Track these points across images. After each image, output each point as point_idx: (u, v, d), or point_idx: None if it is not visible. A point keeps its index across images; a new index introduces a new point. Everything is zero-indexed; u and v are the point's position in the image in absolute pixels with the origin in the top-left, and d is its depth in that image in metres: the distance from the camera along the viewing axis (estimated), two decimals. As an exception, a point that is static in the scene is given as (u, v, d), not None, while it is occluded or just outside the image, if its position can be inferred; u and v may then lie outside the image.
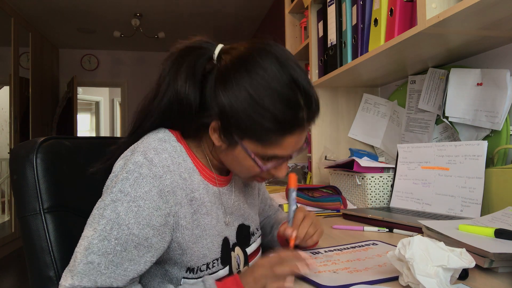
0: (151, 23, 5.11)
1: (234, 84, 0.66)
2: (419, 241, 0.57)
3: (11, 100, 4.30)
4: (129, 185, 0.64)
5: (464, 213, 1.03)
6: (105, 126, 8.20)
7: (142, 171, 0.65)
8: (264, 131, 0.66)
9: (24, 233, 0.75)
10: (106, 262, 0.61)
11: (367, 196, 1.32)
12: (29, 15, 4.70)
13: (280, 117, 0.65)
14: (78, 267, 0.60)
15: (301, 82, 0.67)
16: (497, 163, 1.08)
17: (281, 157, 0.71)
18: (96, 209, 0.65)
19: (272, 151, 0.69)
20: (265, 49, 0.69)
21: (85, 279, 0.60)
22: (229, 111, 0.66)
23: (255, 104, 0.65)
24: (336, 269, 0.70)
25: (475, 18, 0.87)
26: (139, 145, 0.70)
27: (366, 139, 1.77)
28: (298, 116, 0.67)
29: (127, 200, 0.63)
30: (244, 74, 0.66)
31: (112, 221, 0.62)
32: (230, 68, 0.68)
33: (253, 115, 0.65)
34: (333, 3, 1.53)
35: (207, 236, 0.74)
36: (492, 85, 1.10)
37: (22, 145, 0.80)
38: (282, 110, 0.65)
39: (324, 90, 1.80)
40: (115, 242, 0.62)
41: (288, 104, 0.66)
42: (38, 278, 0.73)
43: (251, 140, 0.68)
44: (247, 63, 0.67)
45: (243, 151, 0.70)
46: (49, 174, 0.77)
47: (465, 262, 0.55)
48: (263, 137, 0.67)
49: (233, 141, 0.70)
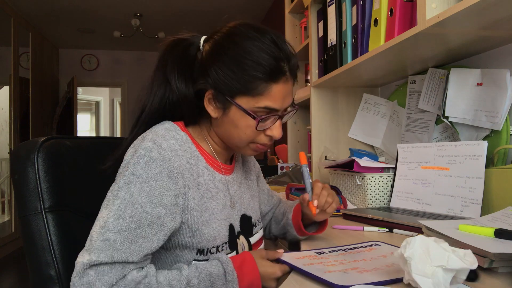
0: (151, 23, 5.11)
1: (222, 52, 0.76)
2: (421, 240, 0.57)
3: (11, 100, 4.30)
4: (140, 168, 0.69)
5: (464, 213, 1.03)
6: (105, 126, 8.19)
7: (152, 154, 0.71)
8: (252, 80, 0.74)
9: (25, 233, 0.75)
10: (122, 239, 0.65)
11: (367, 196, 1.32)
12: (29, 15, 4.70)
13: (265, 64, 0.74)
14: (95, 244, 0.64)
15: (280, 42, 0.77)
16: (497, 163, 1.08)
17: (272, 109, 0.77)
18: (110, 192, 0.70)
19: (263, 102, 0.75)
20: (246, 22, 0.79)
21: (102, 255, 0.64)
22: (220, 74, 0.75)
23: (242, 60, 0.74)
24: (346, 269, 0.69)
25: (475, 18, 0.88)
26: (147, 134, 0.75)
27: (366, 139, 1.77)
28: (280, 65, 0.75)
29: (139, 182, 0.69)
30: (229, 41, 0.76)
31: (126, 200, 0.67)
32: (217, 42, 0.78)
33: (241, 69, 0.74)
34: (333, 3, 1.53)
35: (215, 220, 0.78)
36: (492, 85, 1.10)
37: (23, 145, 0.80)
38: (265, 58, 0.74)
39: (324, 90, 1.80)
40: (130, 220, 0.66)
41: (270, 54, 0.74)
42: (39, 278, 0.73)
43: (242, 96, 0.75)
44: (231, 33, 0.78)
45: (237, 110, 0.76)
46: (50, 173, 0.77)
47: (466, 263, 0.54)
48: (252, 88, 0.74)
49: (227, 103, 0.76)
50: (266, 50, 0.74)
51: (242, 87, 0.75)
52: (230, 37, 0.77)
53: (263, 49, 0.74)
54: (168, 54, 0.81)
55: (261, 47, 0.74)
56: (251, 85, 0.74)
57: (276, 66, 0.75)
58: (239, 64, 0.74)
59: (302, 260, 0.75)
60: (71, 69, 6.22)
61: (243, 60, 0.74)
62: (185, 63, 0.81)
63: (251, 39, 0.75)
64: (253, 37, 0.75)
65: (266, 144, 0.82)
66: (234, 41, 0.76)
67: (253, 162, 1.04)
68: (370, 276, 0.65)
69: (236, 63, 0.74)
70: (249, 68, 0.74)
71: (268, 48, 0.75)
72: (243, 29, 0.77)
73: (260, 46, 0.74)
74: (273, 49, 0.75)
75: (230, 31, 0.78)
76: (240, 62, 0.74)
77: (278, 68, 0.75)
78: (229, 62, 0.75)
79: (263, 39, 0.75)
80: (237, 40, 0.76)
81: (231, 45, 0.76)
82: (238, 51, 0.74)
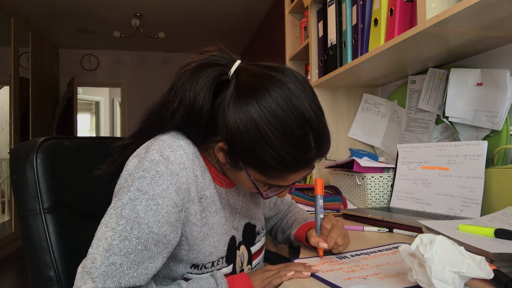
0: (151, 23, 5.11)
1: (243, 108, 0.64)
2: (441, 241, 0.54)
3: (11, 100, 4.29)
4: (146, 184, 0.64)
5: (464, 213, 1.03)
6: (105, 126, 8.20)
7: (159, 168, 0.65)
8: (268, 167, 0.66)
9: (24, 233, 0.75)
10: (128, 262, 0.61)
11: (367, 196, 1.32)
12: (29, 15, 4.70)
13: (287, 159, 0.64)
14: (100, 269, 0.59)
15: (314, 122, 0.65)
16: (497, 163, 1.08)
17: (283, 187, 0.73)
18: (112, 208, 0.64)
19: (275, 182, 0.70)
20: (280, 80, 0.65)
21: (108, 281, 0.59)
22: (236, 136, 0.65)
23: (261, 139, 0.63)
24: (366, 275, 0.66)
25: (475, 18, 0.87)
26: (153, 143, 0.70)
27: (366, 139, 1.77)
28: (307, 156, 0.66)
29: (145, 199, 0.63)
30: (253, 101, 0.64)
31: (132, 220, 0.62)
32: (242, 90, 0.66)
33: (258, 149, 0.64)
34: (333, 3, 1.53)
35: (214, 235, 0.75)
36: (492, 85, 1.10)
37: (22, 145, 0.80)
38: (290, 152, 0.63)
39: (324, 90, 1.80)
40: (136, 241, 0.61)
41: (296, 146, 0.64)
42: (38, 278, 0.73)
43: (254, 170, 0.68)
44: (261, 91, 0.64)
45: (246, 175, 0.70)
46: (49, 174, 0.77)
47: (484, 273, 0.52)
48: (267, 172, 0.67)
49: (237, 165, 0.70)
50: (293, 138, 0.63)
51: (255, 165, 0.67)
52: (258, 100, 0.63)
53: (290, 137, 0.63)
54: (199, 75, 0.68)
55: (288, 134, 0.63)
56: (266, 170, 0.67)
57: (300, 159, 0.65)
58: (260, 146, 0.63)
59: (323, 266, 0.73)
60: (71, 69, 6.22)
61: (265, 144, 0.63)
62: (212, 87, 0.68)
63: (281, 117, 0.62)
64: (284, 114, 0.63)
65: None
66: (262, 110, 0.63)
67: None
68: (391, 283, 0.62)
69: (257, 142, 0.63)
70: (269, 157, 0.64)
71: (296, 135, 0.63)
72: (275, 94, 0.63)
73: (287, 132, 0.63)
74: (302, 135, 0.64)
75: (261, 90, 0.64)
76: (261, 144, 0.63)
77: (302, 160, 0.66)
78: (249, 136, 0.64)
79: (292, 116, 0.63)
80: (265, 111, 0.63)
81: (256, 116, 0.63)
82: (262, 131, 0.63)
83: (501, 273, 0.57)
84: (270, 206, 1.04)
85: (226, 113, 0.66)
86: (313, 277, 0.69)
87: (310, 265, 0.72)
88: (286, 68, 0.69)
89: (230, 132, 0.65)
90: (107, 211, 0.65)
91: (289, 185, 0.73)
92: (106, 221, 0.63)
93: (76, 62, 6.37)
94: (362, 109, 1.79)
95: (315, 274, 0.69)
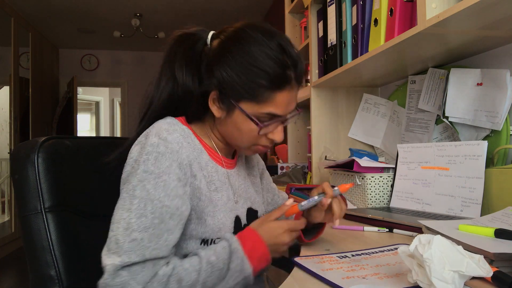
0: (151, 23, 5.11)
1: (228, 55, 0.75)
2: (439, 241, 0.54)
3: (11, 100, 4.29)
4: (151, 164, 0.70)
5: (464, 213, 1.03)
6: (105, 126, 8.19)
7: (159, 149, 0.72)
8: (257, 87, 0.74)
9: (25, 232, 0.75)
10: (148, 236, 0.66)
11: (367, 196, 1.32)
12: (29, 15, 4.70)
13: (271, 72, 0.74)
14: (124, 246, 0.65)
15: (287, 47, 0.77)
16: (497, 163, 1.08)
17: (275, 116, 0.78)
18: (124, 192, 0.70)
19: (267, 108, 0.76)
20: (253, 24, 0.79)
21: (133, 255, 0.65)
22: (226, 77, 0.75)
23: (248, 65, 0.74)
24: (365, 275, 0.66)
25: (475, 18, 0.88)
26: (150, 130, 0.76)
27: (366, 139, 1.77)
28: (286, 73, 0.76)
29: (153, 178, 0.69)
30: (236, 44, 0.76)
31: (144, 198, 0.68)
32: (224, 43, 0.78)
33: (246, 75, 0.74)
34: (333, 3, 1.53)
35: (220, 212, 0.79)
36: (492, 85, 1.10)
37: (23, 145, 0.80)
38: (272, 67, 0.74)
39: (324, 90, 1.80)
40: (152, 216, 0.68)
41: (276, 62, 0.74)
42: (38, 277, 0.73)
43: (246, 101, 0.76)
44: (238, 35, 0.77)
45: (240, 114, 0.77)
46: (50, 173, 0.77)
47: (483, 271, 0.53)
48: (257, 94, 0.75)
49: (231, 106, 0.77)
50: (273, 57, 0.74)
51: (246, 93, 0.75)
52: (237, 40, 0.77)
53: (270, 55, 0.74)
54: (176, 48, 0.81)
55: (268, 54, 0.74)
56: (256, 92, 0.75)
57: (282, 74, 0.75)
58: (245, 70, 0.74)
59: (322, 265, 0.73)
60: (71, 69, 6.22)
61: (249, 66, 0.74)
62: (192, 58, 0.81)
63: (258, 44, 0.75)
64: (260, 41, 0.75)
65: (267, 146, 0.83)
66: (241, 45, 0.75)
67: (257, 159, 1.05)
68: (390, 283, 0.62)
69: (242, 68, 0.74)
70: (254, 75, 0.74)
71: (275, 54, 0.74)
72: (250, 32, 0.76)
73: (267, 53, 0.74)
74: (280, 56, 0.75)
75: (237, 34, 0.78)
76: (246, 68, 0.74)
77: (284, 76, 0.75)
78: (235, 66, 0.75)
79: (270, 44, 0.75)
80: (243, 44, 0.75)
81: (237, 50, 0.75)
82: (244, 57, 0.74)
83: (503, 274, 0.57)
84: (268, 200, 1.05)
85: (213, 65, 0.77)
86: (313, 275, 0.69)
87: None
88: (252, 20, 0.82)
89: (219, 76, 0.76)
90: (120, 196, 0.71)
91: (281, 116, 0.79)
92: (121, 204, 0.69)
93: (76, 62, 6.37)
94: (362, 109, 1.79)
95: (315, 272, 0.69)
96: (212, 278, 0.71)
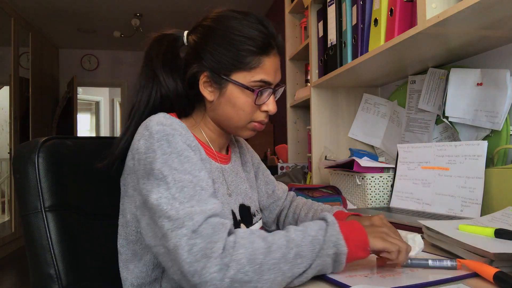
0: (151, 23, 5.11)
1: (211, 32, 0.80)
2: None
3: (11, 100, 4.30)
4: (166, 147, 0.69)
5: (464, 213, 1.03)
6: (105, 126, 8.19)
7: (167, 132, 0.71)
8: (245, 55, 0.78)
9: (25, 231, 0.76)
10: (196, 202, 0.64)
11: (367, 196, 1.32)
12: (29, 15, 4.70)
13: (255, 38, 0.79)
14: (181, 217, 0.61)
15: (265, 21, 0.82)
16: (497, 163, 1.08)
17: (266, 82, 0.80)
18: (150, 184, 0.67)
19: (258, 76, 0.79)
20: (229, 9, 0.84)
21: (195, 217, 0.61)
22: (214, 54, 0.79)
23: (233, 37, 0.78)
24: (367, 274, 0.66)
25: (475, 18, 0.88)
26: (148, 122, 0.73)
27: (366, 139, 1.77)
28: (270, 40, 0.81)
29: (175, 156, 0.68)
30: (217, 23, 0.81)
31: (176, 173, 0.66)
32: (204, 28, 0.82)
33: (234, 46, 0.78)
34: (333, 3, 1.53)
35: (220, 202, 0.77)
36: (492, 85, 1.11)
37: (24, 145, 0.80)
38: (255, 34, 0.79)
39: (324, 90, 1.80)
40: (192, 185, 0.66)
41: (258, 30, 0.80)
42: (38, 276, 0.74)
43: (238, 72, 0.79)
44: (218, 17, 0.82)
45: (234, 88, 0.79)
46: (50, 173, 0.77)
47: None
48: (246, 62, 0.78)
49: (223, 82, 0.80)
50: (254, 26, 0.80)
51: (236, 62, 0.78)
52: (218, 19, 0.82)
53: (251, 25, 0.80)
54: (154, 49, 0.84)
55: (249, 24, 0.80)
56: (245, 59, 0.78)
57: (265, 40, 0.80)
58: (230, 42, 0.78)
59: None
60: (71, 69, 6.22)
61: (234, 37, 0.78)
62: (171, 58, 0.83)
63: (238, 19, 0.80)
64: (239, 18, 0.81)
65: (263, 122, 0.85)
66: (222, 22, 0.80)
67: (251, 154, 1.04)
68: (394, 281, 0.62)
69: (228, 40, 0.78)
70: (240, 44, 0.78)
71: (255, 25, 0.80)
72: (228, 13, 0.82)
73: (247, 24, 0.80)
74: (260, 26, 0.81)
75: (216, 18, 0.82)
76: (231, 39, 0.78)
77: (267, 42, 0.80)
78: (220, 41, 0.79)
79: (248, 18, 0.81)
80: (225, 21, 0.80)
81: (220, 26, 0.80)
82: (228, 30, 0.79)
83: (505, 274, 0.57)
84: (268, 193, 1.04)
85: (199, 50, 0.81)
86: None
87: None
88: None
89: (207, 57, 0.79)
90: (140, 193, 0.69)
91: (272, 84, 0.82)
92: (152, 188, 0.66)
93: (76, 62, 6.37)
94: (362, 109, 1.79)
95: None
96: (304, 248, 0.61)
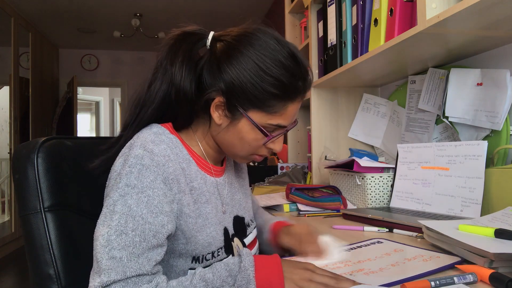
0: (151, 23, 5.11)
1: (240, 57, 0.71)
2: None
3: (11, 100, 4.30)
4: (134, 178, 0.65)
5: (464, 213, 1.03)
6: (105, 126, 8.19)
7: (144, 162, 0.66)
8: (270, 97, 0.71)
9: (25, 231, 0.75)
10: (128, 254, 0.61)
11: (367, 196, 1.32)
12: (29, 15, 4.70)
13: (286, 82, 0.71)
14: (102, 265, 0.60)
15: (298, 55, 0.74)
16: (497, 163, 1.08)
17: (282, 127, 0.76)
18: (105, 207, 0.65)
19: (276, 120, 0.74)
20: (261, 29, 0.75)
21: (112, 274, 0.59)
22: (237, 83, 0.71)
23: (262, 73, 0.70)
24: (351, 271, 0.67)
25: (475, 18, 0.88)
26: (135, 140, 0.71)
27: (366, 139, 1.77)
28: (298, 84, 0.74)
29: (135, 192, 0.64)
30: (248, 47, 0.71)
31: (125, 214, 0.63)
32: (233, 46, 0.73)
33: (260, 83, 0.70)
34: (333, 3, 1.53)
35: (210, 225, 0.75)
36: (492, 85, 1.10)
37: (24, 145, 0.80)
38: (287, 77, 0.71)
39: (324, 90, 1.80)
40: (133, 234, 0.62)
41: (291, 72, 0.72)
42: (38, 276, 0.74)
43: (256, 110, 0.72)
44: (250, 40, 0.72)
45: (247, 123, 0.73)
46: (50, 173, 0.77)
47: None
48: (269, 105, 0.72)
49: (237, 114, 0.73)
50: (287, 66, 0.71)
51: (258, 101, 0.71)
52: (250, 45, 0.72)
53: (284, 64, 0.71)
54: (176, 48, 0.74)
55: (282, 62, 0.71)
56: (269, 102, 0.72)
57: (294, 85, 0.73)
58: (258, 78, 0.70)
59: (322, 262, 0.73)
60: (71, 69, 6.22)
61: (263, 74, 0.70)
62: (192, 60, 0.75)
63: (271, 50, 0.71)
64: (273, 48, 0.71)
65: (264, 156, 0.81)
66: (254, 50, 0.71)
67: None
68: (377, 278, 0.63)
69: (256, 76, 0.70)
70: (268, 85, 0.70)
71: (288, 64, 0.72)
72: (263, 38, 0.72)
73: (281, 61, 0.71)
74: (292, 65, 0.72)
75: (249, 38, 0.73)
76: (259, 76, 0.70)
77: (296, 87, 0.73)
78: (247, 73, 0.70)
79: (283, 52, 0.72)
80: (257, 49, 0.71)
81: (250, 55, 0.71)
82: (259, 64, 0.70)
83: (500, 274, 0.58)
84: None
85: (222, 67, 0.72)
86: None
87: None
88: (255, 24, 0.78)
89: (229, 81, 0.71)
90: (101, 212, 0.65)
91: (286, 128, 0.77)
92: (101, 220, 0.64)
93: (76, 62, 6.37)
94: (362, 109, 1.79)
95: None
96: None
